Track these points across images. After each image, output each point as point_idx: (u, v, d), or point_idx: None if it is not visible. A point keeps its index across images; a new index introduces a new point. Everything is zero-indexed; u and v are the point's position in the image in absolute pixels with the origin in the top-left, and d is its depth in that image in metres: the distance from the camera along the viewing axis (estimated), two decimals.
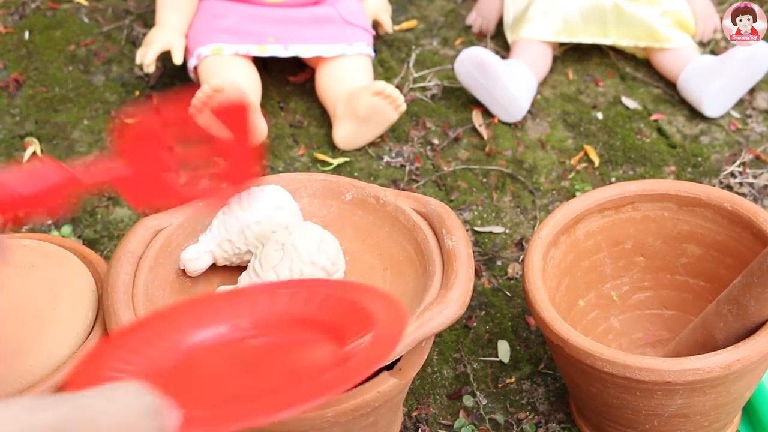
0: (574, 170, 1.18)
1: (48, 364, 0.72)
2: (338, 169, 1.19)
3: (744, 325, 0.72)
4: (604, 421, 0.80)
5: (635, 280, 0.90)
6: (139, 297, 0.75)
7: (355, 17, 1.30)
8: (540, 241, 0.81)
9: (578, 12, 1.31)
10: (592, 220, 0.86)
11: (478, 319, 0.99)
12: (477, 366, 0.95)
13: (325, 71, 1.26)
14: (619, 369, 0.70)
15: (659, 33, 1.29)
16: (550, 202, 1.14)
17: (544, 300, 0.77)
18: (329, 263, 0.75)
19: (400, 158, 1.21)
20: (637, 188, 0.86)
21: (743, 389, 0.76)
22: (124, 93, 1.33)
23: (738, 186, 1.14)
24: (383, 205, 0.84)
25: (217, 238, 0.80)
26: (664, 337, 0.89)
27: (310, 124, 1.27)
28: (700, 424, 0.77)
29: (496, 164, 1.19)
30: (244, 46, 1.25)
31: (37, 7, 1.49)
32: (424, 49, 1.40)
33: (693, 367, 0.69)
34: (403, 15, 1.49)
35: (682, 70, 1.26)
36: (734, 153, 1.19)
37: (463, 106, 1.29)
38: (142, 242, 0.80)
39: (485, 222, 1.11)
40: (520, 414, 0.90)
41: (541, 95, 1.30)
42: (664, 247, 0.88)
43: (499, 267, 1.05)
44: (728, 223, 0.84)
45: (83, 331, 0.76)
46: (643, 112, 1.27)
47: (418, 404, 0.91)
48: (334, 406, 0.69)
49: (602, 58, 1.37)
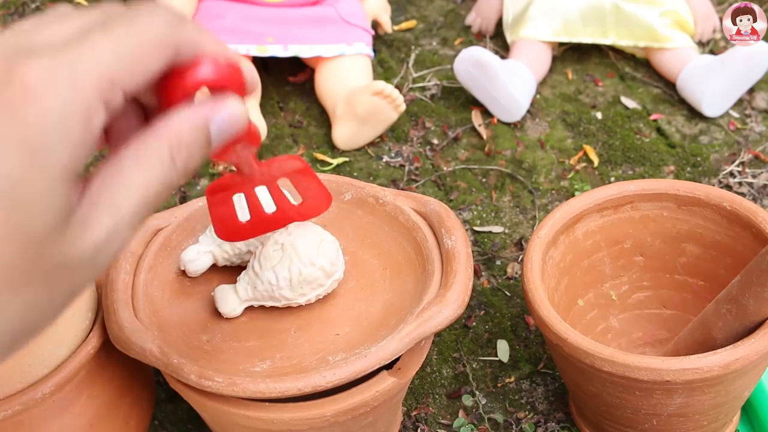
0: (573, 170, 1.18)
1: (47, 364, 0.72)
2: (338, 169, 1.19)
3: (743, 325, 0.72)
4: (604, 420, 0.80)
5: (634, 280, 0.90)
6: (138, 296, 0.75)
7: (355, 17, 1.30)
8: (539, 241, 0.81)
9: (578, 12, 1.32)
10: (591, 220, 0.86)
11: (477, 318, 0.99)
12: (476, 365, 0.95)
13: (324, 71, 1.26)
14: (618, 368, 0.70)
15: (659, 33, 1.29)
16: (549, 201, 1.14)
17: (544, 300, 0.77)
18: (328, 263, 0.75)
19: (400, 158, 1.21)
20: (636, 188, 0.86)
21: (742, 388, 0.76)
22: None
23: (737, 186, 1.14)
24: (382, 205, 0.84)
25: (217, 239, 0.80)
26: (663, 336, 0.89)
27: (310, 124, 1.28)
28: (699, 423, 0.77)
29: (495, 164, 1.19)
30: (244, 46, 1.25)
31: (37, 8, 1.49)
32: (424, 49, 1.41)
33: (692, 366, 0.69)
34: (402, 15, 1.49)
35: (681, 70, 1.26)
36: (733, 153, 1.19)
37: (462, 106, 1.29)
38: (142, 242, 0.80)
39: (484, 222, 1.11)
40: (519, 413, 0.90)
41: (540, 95, 1.30)
42: (663, 246, 0.88)
43: (499, 267, 1.05)
44: (727, 222, 0.84)
45: (83, 331, 0.76)
46: (642, 112, 1.27)
47: (418, 404, 0.91)
48: (333, 406, 0.69)
49: (602, 58, 1.37)
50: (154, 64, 0.38)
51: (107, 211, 0.37)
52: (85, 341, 0.75)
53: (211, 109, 0.41)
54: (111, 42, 0.36)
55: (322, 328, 0.76)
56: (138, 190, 0.38)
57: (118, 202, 0.38)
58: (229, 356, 0.72)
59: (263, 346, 0.73)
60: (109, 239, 0.37)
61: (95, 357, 0.75)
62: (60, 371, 0.72)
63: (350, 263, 0.82)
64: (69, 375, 0.73)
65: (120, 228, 0.37)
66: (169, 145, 0.39)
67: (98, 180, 0.38)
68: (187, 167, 0.40)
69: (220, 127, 0.41)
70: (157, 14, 0.38)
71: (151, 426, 0.88)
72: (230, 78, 0.42)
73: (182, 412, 0.91)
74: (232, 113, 0.42)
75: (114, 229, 0.37)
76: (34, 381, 0.72)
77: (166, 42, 0.38)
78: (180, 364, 0.69)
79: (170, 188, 0.40)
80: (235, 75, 0.42)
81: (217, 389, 0.67)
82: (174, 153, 0.39)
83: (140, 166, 0.38)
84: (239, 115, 0.43)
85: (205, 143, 0.41)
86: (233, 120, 0.42)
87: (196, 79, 0.40)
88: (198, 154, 0.41)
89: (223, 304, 0.75)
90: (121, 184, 0.38)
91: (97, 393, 0.77)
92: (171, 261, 0.81)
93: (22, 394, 0.71)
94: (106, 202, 0.37)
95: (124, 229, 0.38)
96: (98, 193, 0.37)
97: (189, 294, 0.80)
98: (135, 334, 0.71)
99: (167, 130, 0.39)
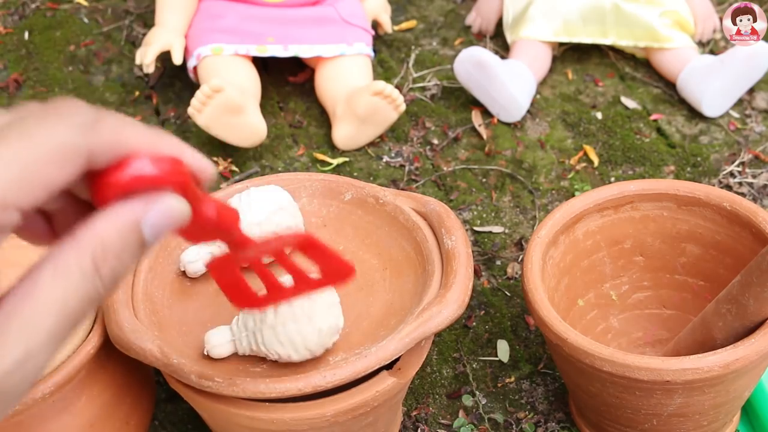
0: (573, 170, 1.18)
1: None
2: (338, 169, 1.19)
3: (743, 325, 0.72)
4: (604, 420, 0.80)
5: (634, 280, 0.90)
6: (138, 297, 0.76)
7: (355, 17, 1.30)
8: (539, 241, 0.81)
9: (578, 12, 1.32)
10: (591, 220, 0.86)
11: (477, 318, 0.99)
12: (476, 366, 0.95)
13: (324, 71, 1.26)
14: (618, 368, 0.70)
15: (659, 33, 1.29)
16: (549, 201, 1.14)
17: (544, 300, 0.77)
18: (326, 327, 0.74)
19: (400, 158, 1.21)
20: (636, 188, 0.86)
21: (742, 388, 0.76)
22: (124, 93, 1.33)
23: (737, 186, 1.14)
24: (382, 205, 0.84)
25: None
26: (663, 336, 0.89)
27: (310, 124, 1.28)
28: (699, 423, 0.77)
29: (495, 164, 1.19)
30: (244, 46, 1.25)
31: (37, 8, 1.49)
32: (424, 49, 1.41)
33: (692, 366, 0.69)
34: (402, 15, 1.49)
35: (681, 70, 1.26)
36: (733, 153, 1.19)
37: (462, 106, 1.29)
38: None
39: (485, 222, 1.11)
40: (519, 413, 0.90)
41: (540, 95, 1.30)
42: (663, 246, 0.88)
43: (499, 267, 1.05)
44: (727, 222, 0.84)
45: (83, 331, 0.76)
46: (642, 112, 1.27)
47: (418, 404, 0.91)
48: (333, 406, 0.69)
49: (602, 58, 1.37)
50: (58, 176, 0.34)
51: (20, 334, 0.33)
52: (85, 341, 0.75)
53: (139, 209, 0.36)
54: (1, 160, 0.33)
55: None
56: (55, 306, 0.34)
57: (33, 322, 0.34)
58: (229, 356, 0.72)
59: None
60: (19, 367, 0.33)
61: (95, 357, 0.75)
62: (60, 371, 0.72)
63: None
64: (69, 375, 0.73)
65: (35, 351, 0.34)
66: (92, 255, 0.35)
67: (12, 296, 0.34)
68: (115, 276, 0.36)
69: (153, 226, 0.37)
70: (65, 119, 0.35)
71: (151, 426, 0.88)
72: (166, 174, 0.37)
73: (182, 412, 0.91)
74: (165, 211, 0.37)
75: (28, 354, 0.33)
76: None
77: (72, 151, 0.34)
78: (180, 364, 0.69)
79: (96, 302, 0.36)
80: (174, 169, 0.38)
81: (217, 389, 0.67)
82: (98, 262, 0.35)
83: (59, 280, 0.34)
84: (177, 211, 0.38)
85: (137, 246, 0.37)
86: (168, 217, 0.37)
87: (120, 179, 0.36)
88: (129, 260, 0.36)
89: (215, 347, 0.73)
90: (37, 302, 0.34)
91: (97, 393, 0.77)
92: (171, 261, 0.81)
93: None
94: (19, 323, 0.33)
95: (40, 353, 0.34)
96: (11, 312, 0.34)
97: (189, 294, 0.80)
98: (135, 334, 0.71)
99: (89, 237, 0.35)
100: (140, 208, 0.37)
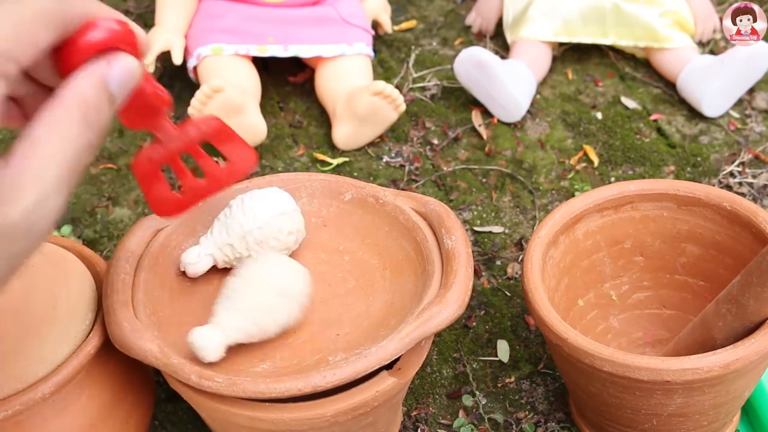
0: (573, 170, 1.18)
1: (47, 363, 0.72)
2: (338, 169, 1.19)
3: (743, 325, 0.72)
4: (604, 420, 0.80)
5: (634, 280, 0.90)
6: (138, 297, 0.75)
7: (355, 17, 1.30)
8: (539, 241, 0.81)
9: (578, 12, 1.32)
10: (591, 220, 0.86)
11: (477, 318, 0.99)
12: (476, 366, 0.95)
13: (324, 71, 1.26)
14: (618, 368, 0.70)
15: (659, 33, 1.29)
16: (549, 201, 1.14)
17: (544, 300, 0.77)
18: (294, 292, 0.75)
19: (400, 158, 1.21)
20: (636, 188, 0.86)
21: (742, 389, 0.76)
22: None
23: (737, 186, 1.14)
24: (382, 205, 0.84)
25: (218, 241, 0.80)
26: (663, 336, 0.89)
27: (310, 124, 1.28)
28: (699, 423, 0.77)
29: (495, 164, 1.19)
30: (244, 46, 1.25)
31: None
32: (424, 49, 1.41)
33: (692, 366, 0.69)
34: (402, 15, 1.49)
35: (681, 70, 1.26)
36: (733, 153, 1.19)
37: (462, 106, 1.29)
38: (142, 242, 0.80)
39: (485, 222, 1.11)
40: (519, 413, 0.90)
41: (540, 95, 1.31)
42: (663, 246, 0.88)
43: (499, 267, 1.05)
44: (727, 222, 0.84)
45: (82, 331, 0.76)
46: (642, 112, 1.27)
47: (418, 404, 0.91)
48: (333, 406, 0.69)
49: (602, 58, 1.37)
50: (44, 37, 0.41)
51: (31, 181, 0.39)
52: (85, 341, 0.75)
53: (105, 66, 0.43)
54: None
55: (322, 328, 0.76)
56: (58, 155, 0.40)
57: (41, 170, 0.40)
58: (229, 356, 0.72)
59: (263, 346, 0.73)
60: (38, 206, 0.39)
61: (95, 357, 0.75)
62: (60, 371, 0.72)
63: (350, 263, 0.82)
64: (69, 375, 0.73)
65: (47, 194, 0.40)
66: (78, 107, 0.41)
67: (17, 153, 0.40)
68: (100, 124, 0.42)
69: (118, 82, 0.43)
70: None
71: (151, 426, 0.88)
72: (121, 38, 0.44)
73: (182, 412, 0.91)
74: (126, 67, 0.44)
75: (41, 196, 0.40)
76: (34, 381, 0.72)
77: (52, 15, 0.41)
78: (180, 364, 0.69)
79: (90, 148, 0.42)
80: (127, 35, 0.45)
81: (217, 389, 0.67)
82: (84, 113, 0.41)
83: (54, 132, 0.40)
84: (134, 68, 0.45)
85: (109, 99, 0.43)
86: (129, 73, 0.44)
87: (88, 41, 0.42)
88: (107, 111, 0.43)
89: (203, 350, 0.70)
90: (40, 153, 0.40)
91: (97, 393, 0.77)
92: (171, 261, 0.81)
93: (22, 394, 0.71)
94: (28, 173, 0.39)
95: (52, 195, 0.40)
96: (19, 166, 0.40)
97: (189, 294, 0.80)
98: (135, 334, 0.71)
99: (71, 93, 0.42)
100: (105, 65, 0.43)
